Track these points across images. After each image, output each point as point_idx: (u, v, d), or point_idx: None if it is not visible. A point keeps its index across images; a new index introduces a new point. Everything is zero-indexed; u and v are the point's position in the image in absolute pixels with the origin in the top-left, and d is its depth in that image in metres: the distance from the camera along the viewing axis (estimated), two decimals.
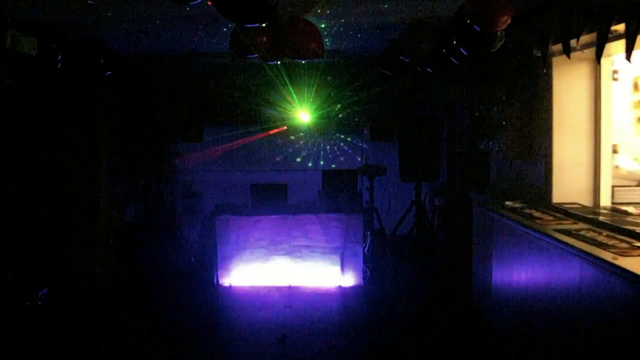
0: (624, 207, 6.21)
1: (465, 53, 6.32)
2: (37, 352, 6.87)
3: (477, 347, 7.09)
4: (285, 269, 9.51)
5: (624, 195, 6.70)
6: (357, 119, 12.54)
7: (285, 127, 12.16)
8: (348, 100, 12.24)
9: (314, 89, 11.40)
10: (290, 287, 9.43)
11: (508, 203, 6.88)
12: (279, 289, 9.37)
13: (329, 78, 11.64)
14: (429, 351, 7.09)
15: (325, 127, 12.52)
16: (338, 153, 13.01)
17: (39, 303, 7.31)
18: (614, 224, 5.25)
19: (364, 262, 9.59)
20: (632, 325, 3.74)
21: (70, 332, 7.45)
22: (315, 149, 12.98)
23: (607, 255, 4.15)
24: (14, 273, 7.46)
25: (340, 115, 12.50)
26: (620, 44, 5.06)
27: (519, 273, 6.02)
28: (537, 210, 6.31)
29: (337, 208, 9.69)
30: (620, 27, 5.03)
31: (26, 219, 8.25)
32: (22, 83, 7.83)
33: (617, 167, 6.91)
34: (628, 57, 4.91)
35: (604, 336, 4.14)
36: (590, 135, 6.72)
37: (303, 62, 9.62)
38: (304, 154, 12.99)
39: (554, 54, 6.54)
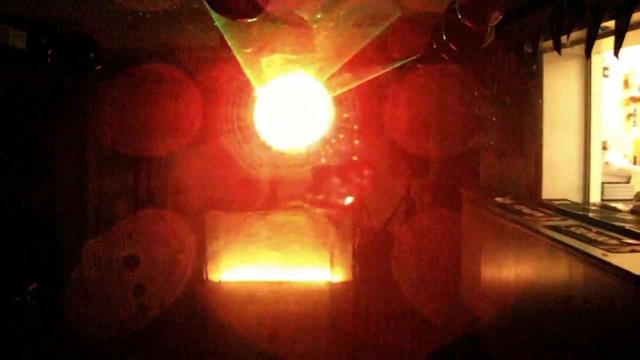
0: (613, 204, 6.23)
1: (455, 49, 6.32)
2: (26, 348, 6.85)
3: (465, 343, 7.10)
4: (275, 264, 9.50)
5: (613, 192, 6.72)
6: (348, 115, 12.52)
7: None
8: (339, 96, 12.21)
9: None
10: (279, 283, 9.42)
11: (498, 199, 6.89)
12: (268, 284, 9.36)
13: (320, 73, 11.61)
14: (418, 347, 7.09)
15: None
16: (329, 149, 12.97)
17: (28, 298, 7.29)
18: (603, 220, 5.27)
19: (354, 258, 9.59)
20: (622, 322, 3.75)
21: (59, 327, 7.43)
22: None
23: (597, 252, 4.16)
24: (2, 268, 7.43)
25: (331, 111, 12.46)
26: (611, 41, 5.05)
27: (508, 269, 6.04)
28: (527, 207, 6.32)
29: (327, 204, 9.69)
30: (611, 24, 5.04)
31: (15, 214, 8.21)
32: (10, 77, 7.79)
33: (607, 163, 6.94)
34: (616, 54, 4.92)
35: (594, 332, 4.15)
36: (581, 131, 6.73)
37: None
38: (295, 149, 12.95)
39: (544, 50, 6.55)
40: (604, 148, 6.94)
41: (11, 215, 8.12)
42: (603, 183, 6.78)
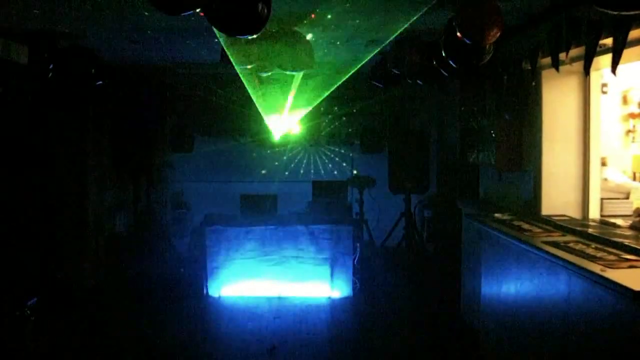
0: (612, 220, 6.24)
1: (454, 66, 6.35)
2: None
3: (465, 358, 7.10)
4: (275, 279, 9.50)
5: (612, 208, 6.72)
6: (348, 130, 12.58)
7: (276, 138, 12.17)
8: (339, 112, 12.28)
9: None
10: (279, 298, 9.42)
11: (497, 215, 6.89)
12: (268, 299, 9.36)
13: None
14: None
15: (316, 138, 12.55)
16: (328, 164, 13.03)
17: (28, 312, 7.27)
18: (602, 236, 5.27)
19: (354, 273, 9.60)
20: (620, 337, 3.76)
21: (59, 342, 7.43)
22: (305, 160, 13.00)
23: (596, 268, 4.17)
24: (2, 283, 7.42)
25: (331, 127, 12.53)
26: (609, 58, 5.08)
27: (508, 285, 6.04)
28: (526, 222, 6.32)
29: (326, 219, 9.69)
30: (609, 41, 5.07)
31: (15, 227, 8.21)
32: (12, 91, 7.81)
33: (605, 179, 6.94)
34: (613, 71, 4.95)
35: (593, 348, 4.16)
36: (580, 147, 6.74)
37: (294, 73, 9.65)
38: (294, 164, 13.00)
39: (543, 67, 6.58)
40: (603, 164, 6.94)
41: (10, 228, 8.13)
42: (602, 199, 6.78)
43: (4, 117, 7.94)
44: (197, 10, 4.45)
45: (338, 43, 7.99)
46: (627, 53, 4.88)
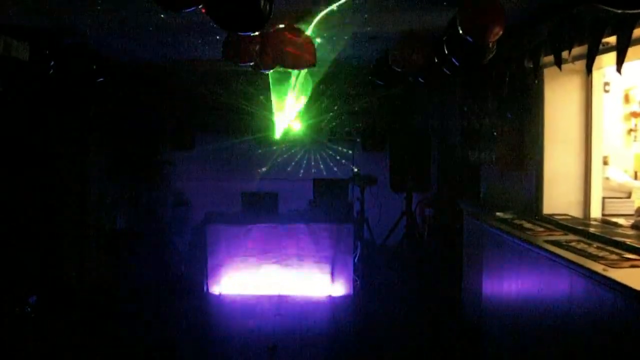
0: (614, 219, 6.22)
1: (456, 64, 6.34)
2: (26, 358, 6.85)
3: (466, 357, 7.09)
4: (275, 278, 9.49)
5: (614, 207, 6.71)
6: (349, 129, 12.56)
7: (277, 136, 12.16)
8: (340, 110, 12.26)
9: (306, 98, 11.41)
10: (280, 296, 9.41)
11: (499, 214, 6.88)
12: (269, 297, 9.35)
13: (321, 87, 11.66)
14: None
15: (317, 136, 12.54)
16: (329, 163, 13.00)
17: (28, 310, 7.28)
18: (604, 235, 5.26)
19: (354, 271, 9.59)
20: (622, 337, 3.74)
21: (60, 339, 7.42)
22: (306, 158, 12.97)
23: (598, 267, 4.15)
24: (2, 280, 7.42)
25: (333, 125, 12.51)
26: (612, 56, 5.07)
27: (509, 283, 6.03)
28: (528, 222, 6.31)
29: (327, 218, 9.68)
30: (612, 39, 5.05)
31: (15, 226, 8.21)
32: (13, 88, 7.79)
33: (607, 178, 6.93)
34: (619, 69, 4.93)
35: (594, 347, 4.15)
36: (581, 146, 6.73)
37: (295, 71, 9.64)
38: (295, 162, 12.98)
39: (545, 66, 6.56)
40: (605, 163, 6.93)
41: (10, 228, 8.12)
42: (604, 198, 6.77)
43: (4, 115, 7.93)
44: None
45: (340, 39, 7.98)
46: (630, 51, 4.86)
